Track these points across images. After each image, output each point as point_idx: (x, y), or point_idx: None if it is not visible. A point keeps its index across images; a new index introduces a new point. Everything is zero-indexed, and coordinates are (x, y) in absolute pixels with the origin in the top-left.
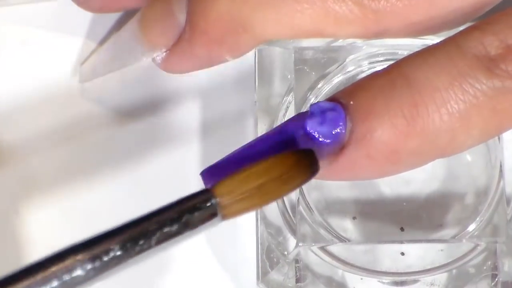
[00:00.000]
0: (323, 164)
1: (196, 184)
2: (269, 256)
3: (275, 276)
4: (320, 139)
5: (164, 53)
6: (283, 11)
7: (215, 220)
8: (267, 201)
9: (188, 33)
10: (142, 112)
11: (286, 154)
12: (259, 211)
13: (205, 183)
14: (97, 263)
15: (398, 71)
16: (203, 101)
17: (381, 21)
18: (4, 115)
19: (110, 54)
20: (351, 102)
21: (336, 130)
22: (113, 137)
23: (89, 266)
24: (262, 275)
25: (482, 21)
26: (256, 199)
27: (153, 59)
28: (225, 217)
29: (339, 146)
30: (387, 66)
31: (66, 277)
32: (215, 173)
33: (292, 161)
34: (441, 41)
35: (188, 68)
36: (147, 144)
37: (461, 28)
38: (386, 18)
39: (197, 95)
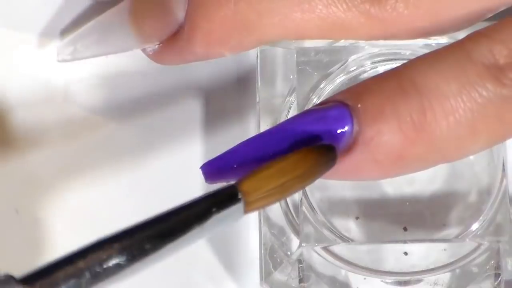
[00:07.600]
0: None
1: (197, 184)
2: (272, 257)
3: (278, 276)
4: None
5: (157, 46)
6: (288, 18)
7: (238, 215)
8: (286, 196)
9: (188, 33)
10: (143, 111)
11: (309, 150)
12: (262, 211)
13: (205, 177)
14: (128, 257)
15: (407, 76)
16: (205, 101)
17: (388, 29)
18: (4, 114)
19: (93, 37)
20: (359, 105)
21: (341, 130)
22: (114, 136)
23: (120, 260)
24: (266, 275)
25: (490, 28)
26: (278, 195)
27: (143, 50)
28: (246, 212)
29: (344, 148)
30: (394, 68)
31: (98, 269)
32: (216, 166)
33: (315, 157)
34: (449, 46)
35: (182, 62)
36: (149, 143)
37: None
38: (392, 25)
39: (199, 95)
